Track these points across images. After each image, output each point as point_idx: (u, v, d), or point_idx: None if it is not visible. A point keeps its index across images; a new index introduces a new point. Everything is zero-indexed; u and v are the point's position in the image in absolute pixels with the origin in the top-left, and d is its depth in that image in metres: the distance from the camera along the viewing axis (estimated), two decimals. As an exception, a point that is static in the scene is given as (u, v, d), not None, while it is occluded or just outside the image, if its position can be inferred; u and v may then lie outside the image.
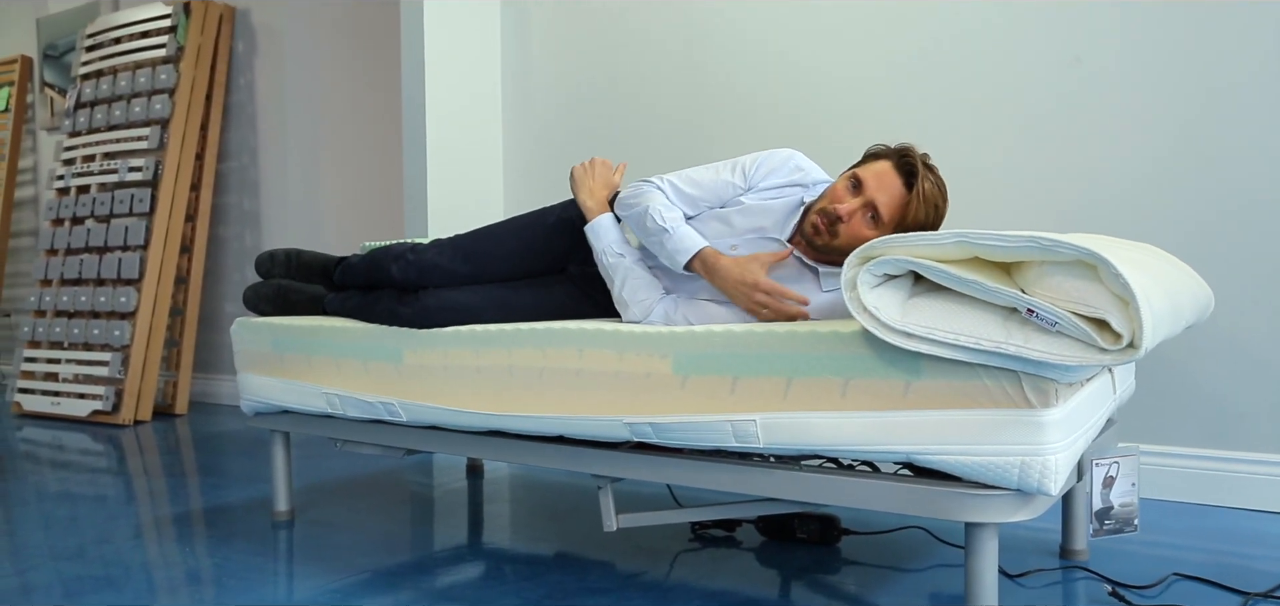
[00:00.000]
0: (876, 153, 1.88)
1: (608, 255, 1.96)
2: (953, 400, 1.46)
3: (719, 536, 2.29)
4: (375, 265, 2.25)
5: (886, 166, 1.82)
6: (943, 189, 1.83)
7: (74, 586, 2.01)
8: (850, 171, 1.86)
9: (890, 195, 1.80)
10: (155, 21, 4.52)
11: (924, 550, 2.14)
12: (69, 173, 4.69)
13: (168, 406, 4.47)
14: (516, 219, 2.22)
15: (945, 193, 1.83)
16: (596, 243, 1.99)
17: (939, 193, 1.82)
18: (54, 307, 4.58)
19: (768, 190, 1.97)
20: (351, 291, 2.33)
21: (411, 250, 2.20)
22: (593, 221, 2.01)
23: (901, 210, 1.80)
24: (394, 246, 2.30)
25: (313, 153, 4.39)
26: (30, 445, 3.75)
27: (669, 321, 1.88)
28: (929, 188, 1.79)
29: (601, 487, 1.87)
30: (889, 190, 1.80)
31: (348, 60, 4.25)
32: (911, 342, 1.44)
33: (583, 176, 2.08)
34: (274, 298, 2.46)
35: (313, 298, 2.43)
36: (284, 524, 2.47)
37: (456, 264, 2.13)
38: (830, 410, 1.56)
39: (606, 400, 1.79)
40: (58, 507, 2.69)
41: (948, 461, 1.47)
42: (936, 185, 1.81)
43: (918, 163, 1.81)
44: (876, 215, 1.80)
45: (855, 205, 1.80)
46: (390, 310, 2.13)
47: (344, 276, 2.39)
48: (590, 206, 2.03)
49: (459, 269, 2.12)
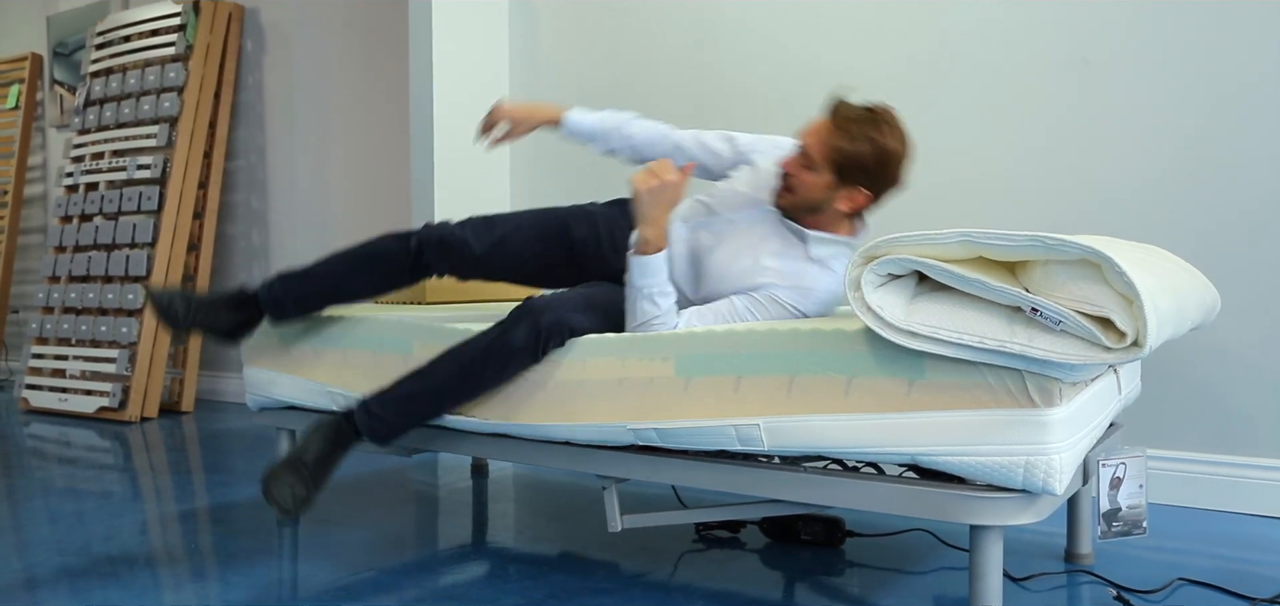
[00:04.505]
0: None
1: (644, 299, 1.86)
2: (957, 399, 1.46)
3: (723, 537, 2.29)
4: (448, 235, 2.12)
5: (820, 116, 1.88)
6: (879, 118, 1.82)
7: (80, 582, 2.02)
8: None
9: (816, 134, 1.85)
10: (165, 20, 4.54)
11: (928, 552, 2.14)
12: (78, 170, 4.71)
13: (174, 403, 4.49)
14: (543, 218, 2.17)
15: (884, 122, 1.82)
16: (640, 278, 1.86)
17: (871, 119, 1.81)
18: (62, 304, 4.60)
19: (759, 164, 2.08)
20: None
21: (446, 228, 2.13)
22: (645, 258, 1.86)
23: (826, 142, 1.82)
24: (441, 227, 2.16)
25: (320, 151, 4.40)
26: (37, 441, 3.77)
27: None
28: (854, 112, 1.81)
29: (606, 488, 1.87)
30: (816, 131, 1.85)
31: (356, 59, 4.26)
32: (915, 342, 1.44)
33: (649, 201, 1.84)
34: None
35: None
36: (289, 521, 2.47)
37: (481, 248, 2.10)
38: (834, 410, 1.56)
39: (611, 407, 1.79)
40: (64, 503, 2.70)
41: (952, 462, 1.47)
42: (866, 113, 1.81)
43: (842, 101, 1.85)
44: (808, 158, 1.85)
45: (794, 157, 1.88)
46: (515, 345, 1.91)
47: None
48: (649, 238, 1.86)
49: (482, 254, 2.11)
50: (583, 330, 1.89)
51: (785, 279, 1.91)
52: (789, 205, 1.92)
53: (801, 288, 1.90)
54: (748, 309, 1.89)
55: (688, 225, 2.07)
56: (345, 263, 2.15)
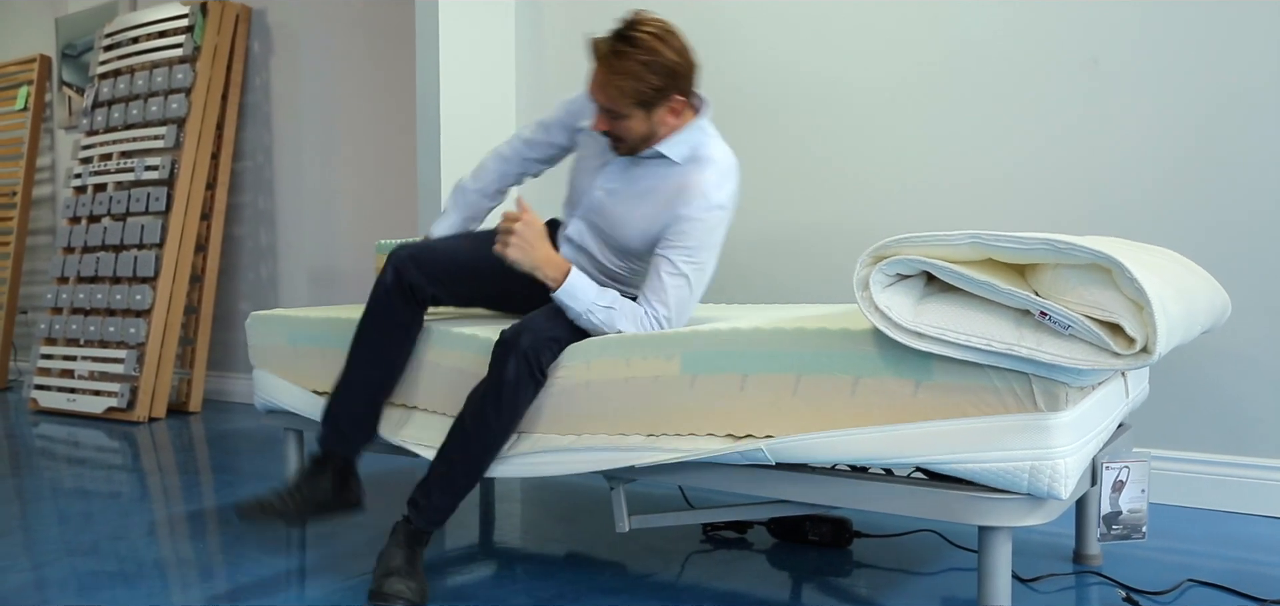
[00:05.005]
0: (595, 45, 1.90)
1: (594, 312, 1.87)
2: (963, 403, 1.46)
3: (730, 538, 2.29)
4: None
5: (595, 69, 1.89)
6: (638, 39, 1.83)
7: (88, 582, 2.03)
8: (589, 78, 1.93)
9: (603, 89, 1.87)
10: (172, 21, 4.55)
11: (936, 553, 2.14)
12: (86, 171, 4.72)
13: (182, 404, 4.50)
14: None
15: (643, 39, 1.83)
16: (575, 305, 1.87)
17: (632, 45, 1.83)
18: (70, 305, 4.61)
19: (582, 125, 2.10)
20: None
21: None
22: (564, 286, 1.87)
23: (615, 91, 1.85)
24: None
25: (327, 152, 4.41)
26: (46, 441, 3.78)
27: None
28: (615, 47, 1.84)
29: (614, 489, 1.87)
30: (601, 86, 1.87)
31: (363, 60, 4.26)
32: (923, 342, 1.44)
33: (522, 253, 1.88)
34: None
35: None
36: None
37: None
38: (840, 410, 1.56)
39: (619, 409, 1.79)
40: (73, 504, 2.71)
41: (959, 467, 1.47)
42: (623, 45, 1.84)
43: (597, 42, 1.87)
44: (611, 113, 1.88)
45: (599, 118, 1.91)
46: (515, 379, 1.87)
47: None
48: (550, 275, 1.88)
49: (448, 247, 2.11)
50: (565, 337, 1.89)
51: (678, 202, 1.91)
52: (630, 151, 1.96)
53: (692, 193, 1.91)
54: (680, 262, 1.90)
55: (575, 218, 2.08)
56: (359, 348, 2.04)
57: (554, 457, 1.86)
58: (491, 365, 1.86)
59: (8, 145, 5.68)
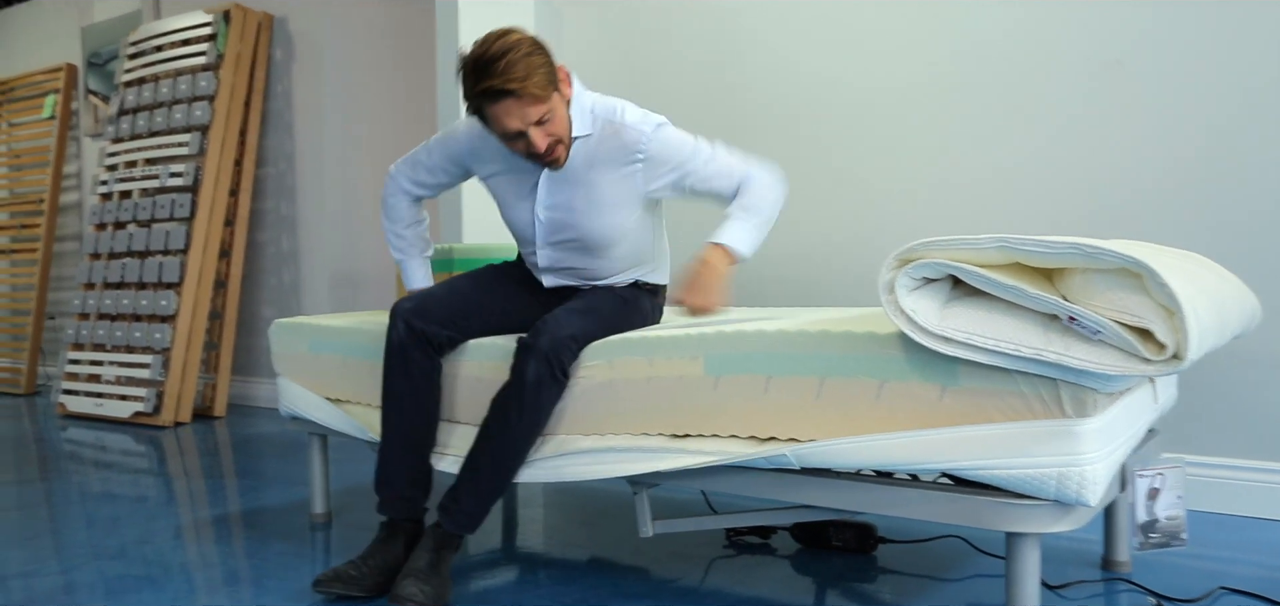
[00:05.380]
0: (482, 95, 1.82)
1: (761, 229, 1.96)
2: (990, 408, 1.45)
3: (754, 543, 2.28)
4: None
5: (502, 106, 1.81)
6: (509, 49, 1.78)
7: (116, 585, 2.05)
8: (499, 126, 1.85)
9: (530, 112, 1.82)
10: (196, 29, 4.59)
11: (962, 559, 2.12)
12: (112, 178, 4.77)
13: (207, 408, 4.54)
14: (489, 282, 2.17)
15: (505, 47, 1.79)
16: (750, 246, 1.93)
17: (513, 53, 1.78)
18: (97, 310, 4.66)
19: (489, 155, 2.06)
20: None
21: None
22: (735, 254, 1.92)
23: (537, 103, 1.81)
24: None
25: (349, 158, 4.43)
26: (74, 445, 3.82)
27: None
28: (505, 69, 1.77)
29: (637, 493, 1.86)
30: (524, 112, 1.82)
31: (383, 66, 4.29)
32: (949, 347, 1.43)
33: (716, 293, 1.90)
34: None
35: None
36: (321, 525, 2.49)
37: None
38: (865, 414, 1.55)
39: (641, 409, 1.79)
40: (100, 507, 2.74)
41: (986, 473, 1.46)
42: (504, 60, 1.78)
43: (491, 81, 1.78)
44: (549, 128, 1.86)
45: (537, 139, 1.85)
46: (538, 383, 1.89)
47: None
48: (726, 272, 1.92)
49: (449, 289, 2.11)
50: (583, 335, 1.90)
51: (630, 155, 1.94)
52: (567, 151, 1.94)
53: (634, 134, 1.93)
54: (692, 159, 1.95)
55: (540, 251, 2.08)
56: (391, 411, 2.02)
57: (578, 460, 1.86)
58: (513, 369, 1.87)
59: (35, 153, 5.75)
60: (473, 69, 1.81)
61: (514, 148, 1.90)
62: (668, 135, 1.96)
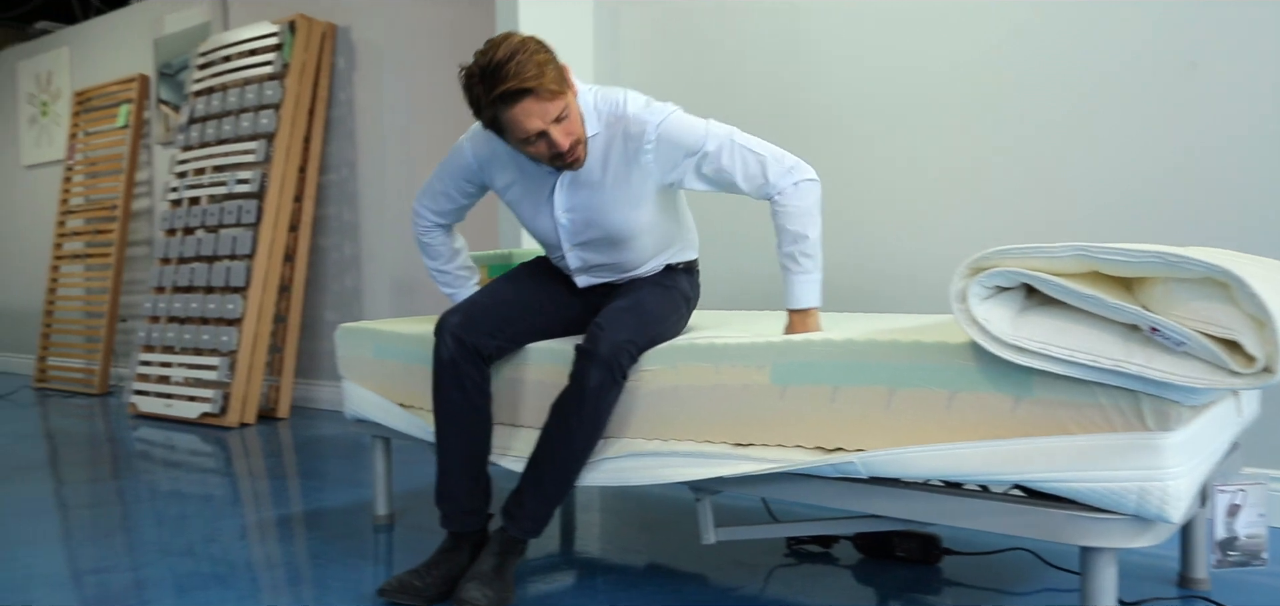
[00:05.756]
0: (499, 101, 1.79)
1: (818, 269, 1.94)
2: (1066, 420, 1.41)
3: (815, 552, 2.25)
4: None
5: (521, 108, 1.78)
6: (515, 51, 1.76)
7: (185, 582, 2.09)
8: (518, 130, 1.82)
9: (539, 108, 1.79)
10: (262, 39, 4.70)
11: (1030, 573, 2.06)
12: (182, 185, 4.90)
13: (271, 410, 4.63)
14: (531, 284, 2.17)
15: (510, 50, 1.76)
16: (817, 291, 1.94)
17: (521, 54, 1.76)
18: (167, 314, 4.79)
19: (505, 173, 2.06)
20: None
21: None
22: (813, 318, 1.93)
23: (543, 94, 1.78)
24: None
25: (409, 164, 4.49)
26: (145, 445, 3.92)
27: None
28: (520, 69, 1.75)
29: (700, 500, 1.85)
30: (543, 110, 1.79)
31: (443, 72, 4.33)
32: (1023, 357, 1.39)
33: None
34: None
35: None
36: (384, 527, 2.52)
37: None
38: (935, 424, 1.52)
39: (706, 416, 1.78)
40: (169, 506, 2.81)
41: (1062, 486, 1.42)
42: (514, 63, 1.75)
43: (507, 83, 1.76)
44: (568, 126, 1.84)
45: (558, 140, 1.83)
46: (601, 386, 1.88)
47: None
48: (813, 324, 1.94)
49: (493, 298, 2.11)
50: (641, 337, 1.90)
51: (641, 146, 1.91)
52: (584, 151, 1.92)
53: (642, 127, 1.91)
54: (714, 150, 1.92)
55: (568, 254, 2.07)
56: (445, 426, 2.02)
57: (641, 462, 1.85)
58: (573, 374, 1.86)
59: (109, 161, 5.93)
60: (482, 77, 1.78)
61: (534, 152, 1.86)
62: (675, 122, 1.93)
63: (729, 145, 1.93)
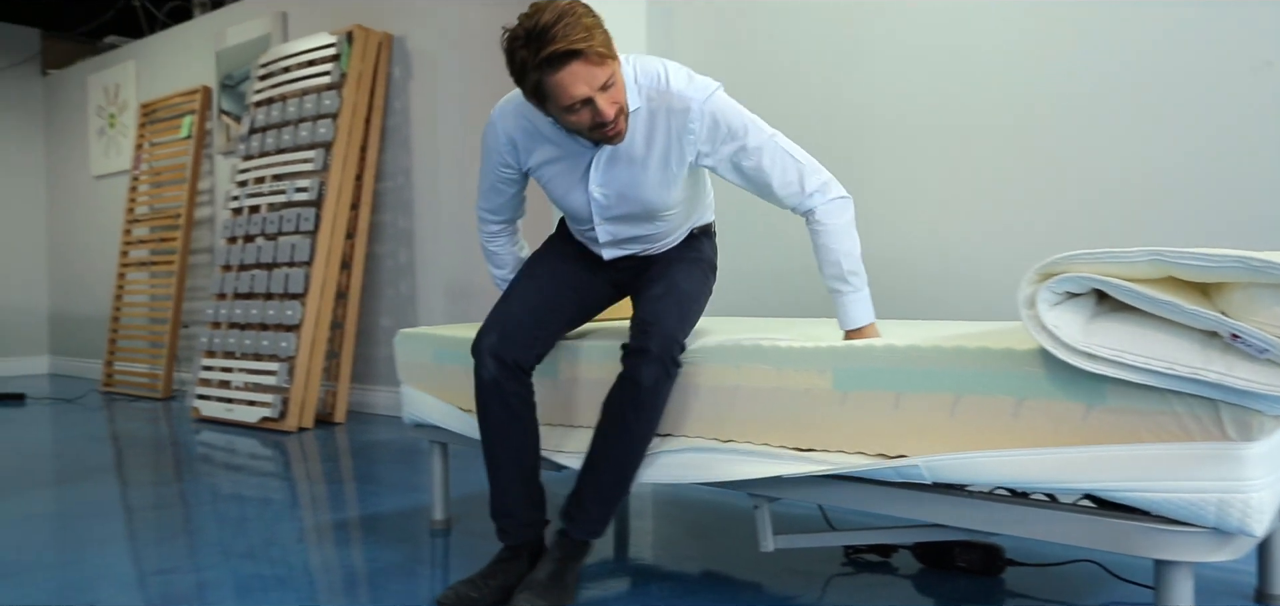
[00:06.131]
0: (545, 64, 1.72)
1: (864, 287, 1.90)
2: (1140, 429, 1.36)
3: (873, 561, 2.21)
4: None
5: (569, 72, 1.71)
6: (560, 16, 1.69)
7: (246, 585, 2.12)
8: (563, 96, 1.75)
9: (587, 70, 1.72)
10: (321, 50, 4.78)
11: (1097, 586, 2.01)
12: (242, 193, 5.00)
13: (328, 415, 4.69)
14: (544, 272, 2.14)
15: (553, 15, 1.69)
16: (867, 307, 1.89)
17: (568, 18, 1.69)
18: (228, 320, 4.89)
19: (542, 157, 2.00)
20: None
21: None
22: (868, 325, 1.88)
23: (591, 56, 1.71)
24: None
25: (463, 171, 4.53)
26: (206, 448, 4.00)
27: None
28: (566, 30, 1.68)
29: (758, 507, 1.83)
30: (581, 76, 1.72)
31: (497, 80, 4.35)
32: (1096, 365, 1.35)
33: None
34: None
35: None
36: (441, 532, 2.54)
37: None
38: (1002, 431, 1.48)
39: (766, 419, 1.76)
40: (230, 508, 2.86)
41: (1135, 496, 1.37)
42: (561, 24, 1.68)
43: (555, 45, 1.68)
44: (613, 94, 1.77)
45: (604, 109, 1.76)
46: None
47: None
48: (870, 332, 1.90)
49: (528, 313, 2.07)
50: (687, 325, 1.89)
51: (684, 123, 1.86)
52: (627, 122, 1.84)
53: (685, 103, 1.85)
54: (756, 147, 1.87)
55: (597, 228, 2.03)
56: (494, 444, 2.01)
57: (701, 459, 1.84)
58: (626, 372, 1.84)
59: (173, 171, 6.09)
60: (526, 40, 1.71)
61: (576, 122, 1.79)
62: (721, 103, 1.88)
63: (772, 145, 1.89)
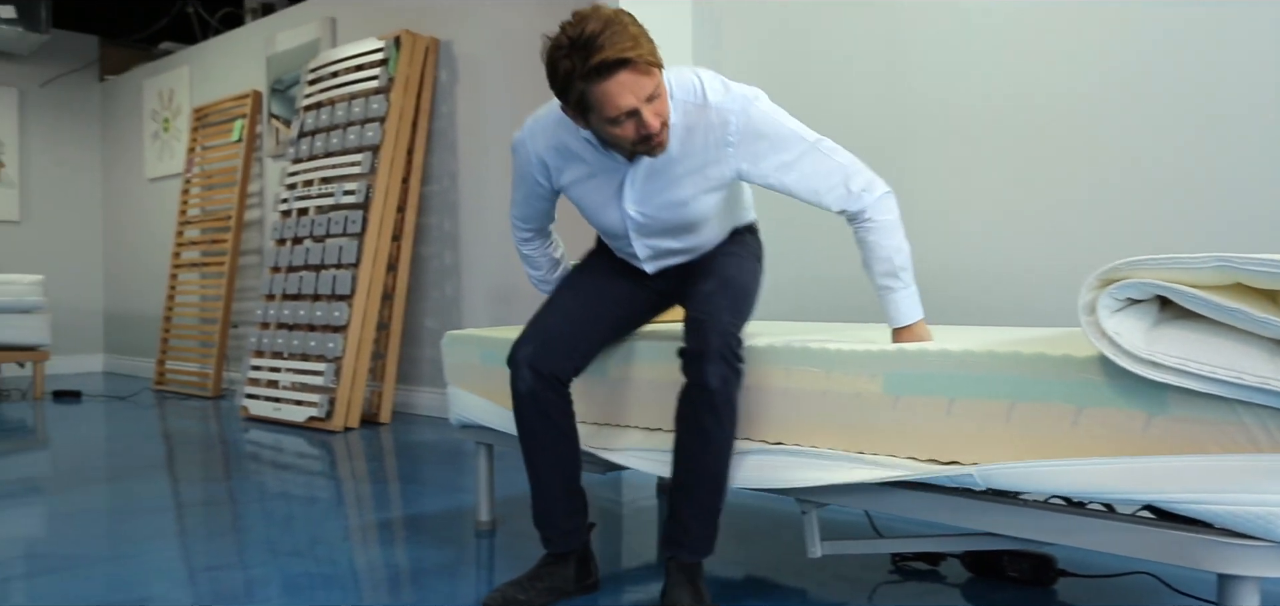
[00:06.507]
0: (593, 72, 1.68)
1: (911, 280, 1.87)
2: (1204, 439, 1.32)
3: (921, 569, 2.18)
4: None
5: (617, 81, 1.67)
6: (610, 24, 1.66)
7: (293, 583, 2.14)
8: (608, 106, 1.71)
9: (635, 78, 1.68)
10: (369, 55, 4.83)
11: (1152, 598, 1.95)
12: (291, 196, 5.07)
13: (373, 415, 4.74)
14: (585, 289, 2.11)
15: (603, 23, 1.66)
16: (915, 301, 1.86)
17: (617, 27, 1.66)
18: (276, 320, 4.96)
19: (572, 173, 1.98)
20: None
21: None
22: (918, 322, 1.85)
23: (640, 65, 1.67)
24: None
25: (508, 175, 4.55)
26: (255, 447, 4.06)
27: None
28: (618, 38, 1.65)
29: (806, 512, 1.81)
30: (627, 85, 1.68)
31: (543, 85, 4.37)
32: (1158, 373, 1.31)
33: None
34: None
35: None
36: (486, 533, 2.54)
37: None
38: (1059, 440, 1.44)
39: (816, 422, 1.74)
40: (277, 506, 2.89)
41: (1199, 509, 1.33)
42: (608, 32, 1.65)
43: (604, 53, 1.65)
44: (658, 105, 1.72)
45: (648, 119, 1.72)
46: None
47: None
48: (920, 332, 1.86)
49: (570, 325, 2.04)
50: (743, 318, 1.86)
51: (722, 135, 1.83)
52: (667, 139, 1.80)
53: (723, 116, 1.82)
54: (799, 152, 1.84)
55: (635, 245, 2.00)
56: (535, 456, 1.99)
57: (752, 462, 1.82)
58: (691, 378, 1.78)
59: (224, 174, 6.20)
60: (572, 48, 1.68)
61: (620, 134, 1.75)
62: (760, 110, 1.83)
63: (814, 153, 1.85)
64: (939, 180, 2.94)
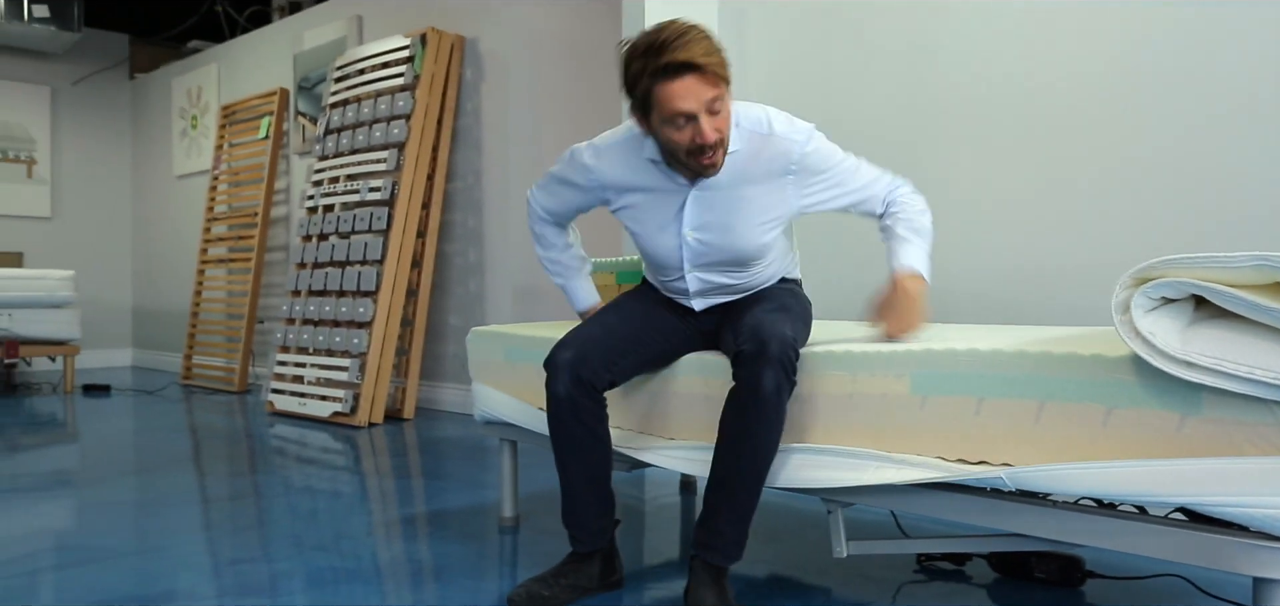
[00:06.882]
0: (660, 71, 1.74)
1: (928, 244, 1.98)
2: (1240, 440, 1.30)
3: (947, 570, 2.16)
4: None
5: (681, 84, 1.73)
6: (682, 33, 1.72)
7: (317, 577, 2.15)
8: (668, 106, 1.76)
9: (708, 94, 1.75)
10: (395, 52, 4.86)
11: (1183, 601, 1.93)
12: (317, 193, 5.11)
13: (397, 411, 4.76)
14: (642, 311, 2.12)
15: (678, 31, 1.73)
16: (928, 262, 1.94)
17: (690, 36, 1.72)
18: (302, 316, 4.99)
19: (616, 181, 2.02)
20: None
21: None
22: (926, 279, 1.91)
23: (709, 74, 1.73)
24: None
25: (533, 172, 4.56)
26: (280, 441, 4.09)
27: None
28: (688, 48, 1.71)
29: (832, 512, 1.80)
30: (692, 91, 1.74)
31: (567, 81, 4.39)
32: (1194, 373, 1.29)
33: (916, 320, 1.88)
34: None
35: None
36: (509, 529, 2.55)
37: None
38: (1090, 441, 1.42)
39: (844, 425, 1.73)
40: (301, 501, 2.91)
41: (1234, 511, 1.31)
42: (680, 39, 1.71)
43: (674, 54, 1.71)
44: (718, 120, 1.78)
45: (706, 132, 1.77)
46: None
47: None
48: (923, 289, 1.92)
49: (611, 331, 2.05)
50: (801, 336, 1.85)
51: (781, 165, 1.89)
52: (724, 156, 1.85)
53: (785, 145, 1.88)
54: (843, 173, 1.95)
55: (687, 278, 2.02)
56: (567, 459, 1.99)
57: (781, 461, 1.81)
58: (744, 380, 1.76)
59: (251, 170, 6.25)
60: (646, 49, 1.74)
61: (676, 138, 1.79)
62: (820, 146, 1.92)
63: (857, 171, 1.97)
64: (967, 177, 2.91)
